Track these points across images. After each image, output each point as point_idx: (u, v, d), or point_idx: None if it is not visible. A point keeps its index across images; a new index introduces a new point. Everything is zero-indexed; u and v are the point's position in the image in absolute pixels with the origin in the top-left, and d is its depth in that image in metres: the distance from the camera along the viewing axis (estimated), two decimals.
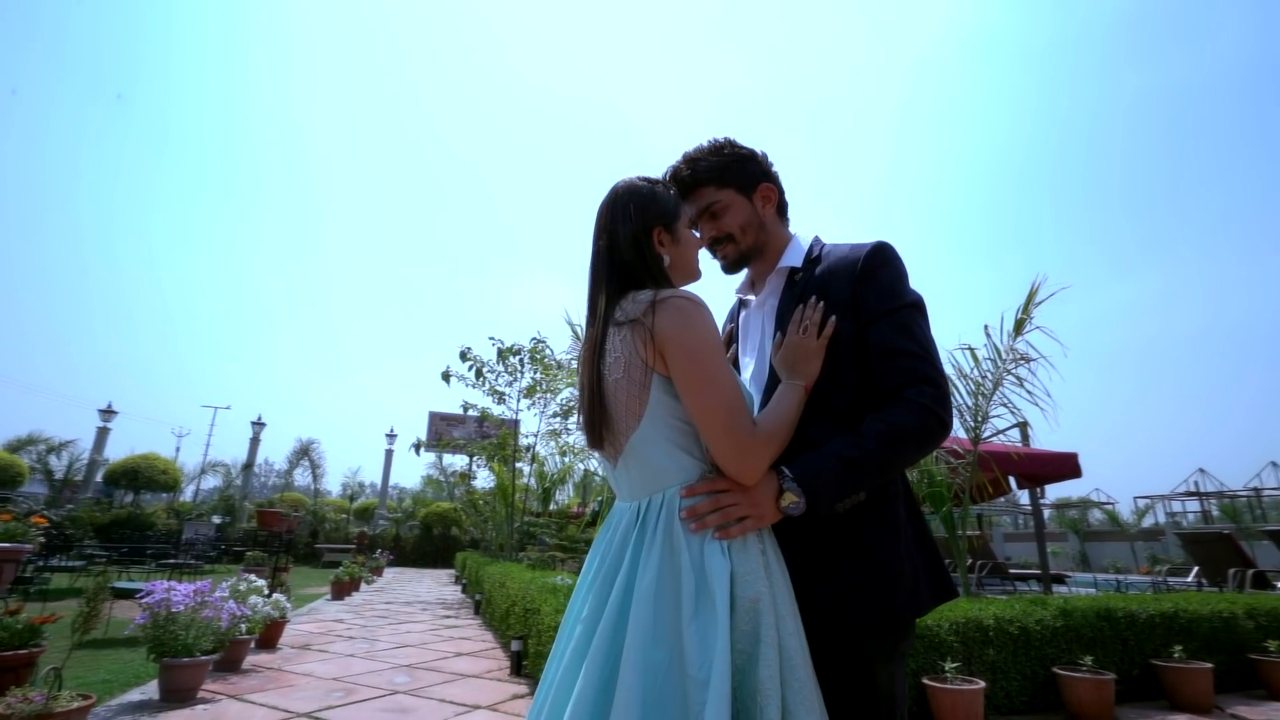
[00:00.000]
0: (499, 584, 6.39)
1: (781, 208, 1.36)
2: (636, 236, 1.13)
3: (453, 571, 15.95)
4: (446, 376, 10.65)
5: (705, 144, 1.32)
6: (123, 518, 14.88)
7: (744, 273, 1.41)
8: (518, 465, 10.96)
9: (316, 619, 7.18)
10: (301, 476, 23.15)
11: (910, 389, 1.07)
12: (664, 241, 1.16)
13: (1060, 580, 10.27)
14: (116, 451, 22.85)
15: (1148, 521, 22.66)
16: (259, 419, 22.87)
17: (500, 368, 10.51)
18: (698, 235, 1.30)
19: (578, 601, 1.10)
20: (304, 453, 22.03)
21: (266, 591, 5.10)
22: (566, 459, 10.81)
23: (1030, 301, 5.14)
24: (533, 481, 10.68)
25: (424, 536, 20.01)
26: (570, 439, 10.65)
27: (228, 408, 30.63)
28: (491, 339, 10.40)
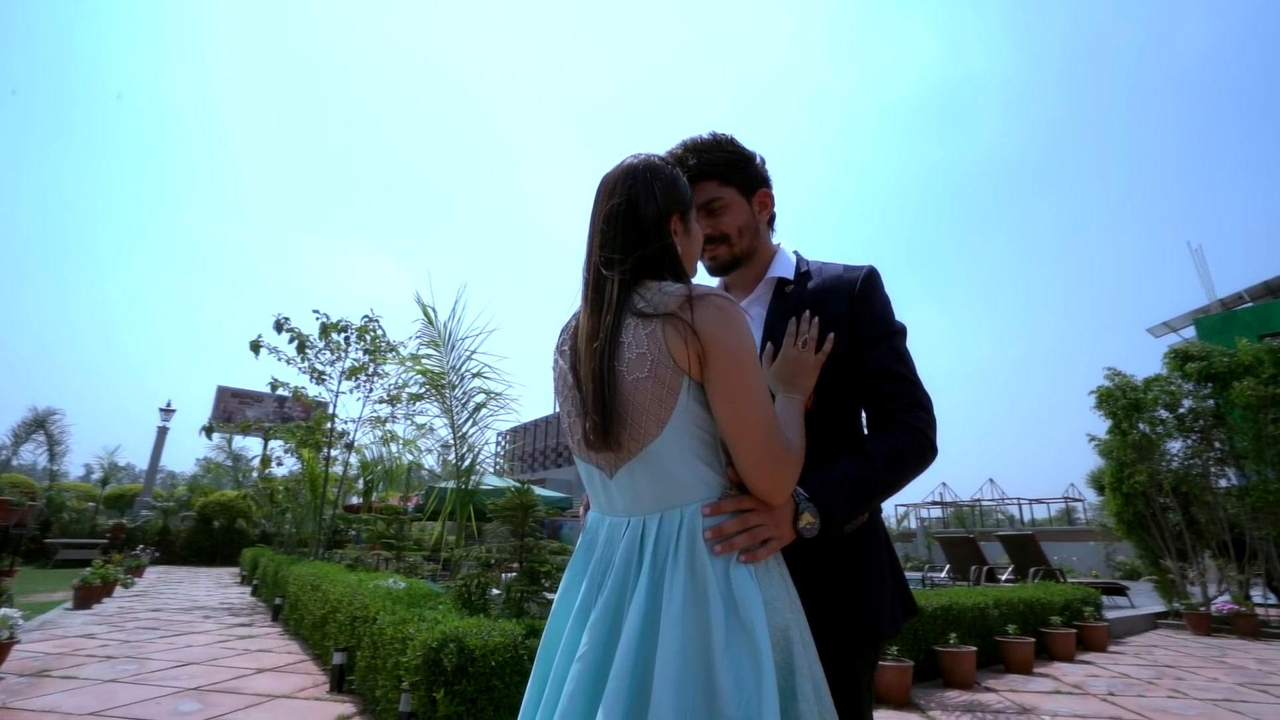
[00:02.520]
0: (310, 587, 5.65)
1: (771, 218, 1.34)
2: (658, 219, 1.03)
3: (237, 570, 13.88)
4: (256, 347, 9.29)
5: (706, 136, 1.26)
6: None
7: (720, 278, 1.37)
8: (332, 453, 9.87)
9: (54, 635, 5.77)
10: (31, 454, 18.55)
11: (908, 414, 1.11)
12: (678, 230, 1.07)
13: None
14: None
15: (904, 525, 26.95)
16: None
17: (322, 344, 9.41)
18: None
19: (560, 633, 0.96)
20: (38, 425, 17.69)
21: None
22: (392, 449, 9.98)
23: None
24: (355, 472, 9.69)
25: (200, 530, 17.14)
26: (396, 427, 9.86)
27: None
28: (315, 312, 9.28)
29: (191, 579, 12.54)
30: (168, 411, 19.52)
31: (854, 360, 1.16)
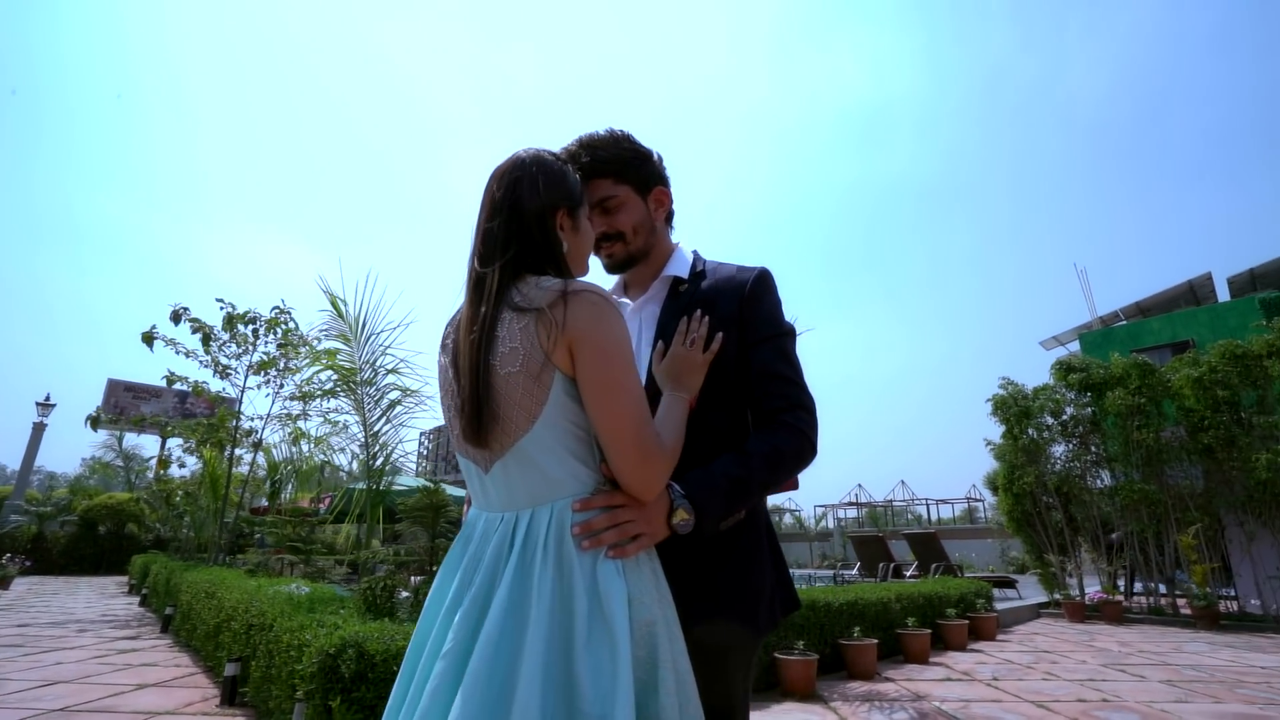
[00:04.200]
0: (205, 594, 5.28)
1: (669, 215, 1.36)
2: (542, 214, 1.03)
3: (125, 579, 12.77)
4: (149, 339, 8.63)
5: (602, 133, 1.26)
6: None
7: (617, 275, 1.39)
8: (238, 452, 9.27)
9: None
10: None
11: (789, 414, 1.14)
12: (564, 226, 1.07)
13: None
14: None
15: (822, 525, 28.05)
16: None
17: (227, 335, 8.82)
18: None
19: (430, 632, 0.95)
20: None
21: None
22: (303, 447, 9.46)
23: None
24: (261, 472, 9.12)
25: (83, 536, 15.65)
26: (307, 425, 9.37)
27: None
28: (220, 301, 8.70)
29: (69, 590, 11.43)
30: (46, 406, 17.70)
31: (741, 361, 1.20)
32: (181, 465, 11.22)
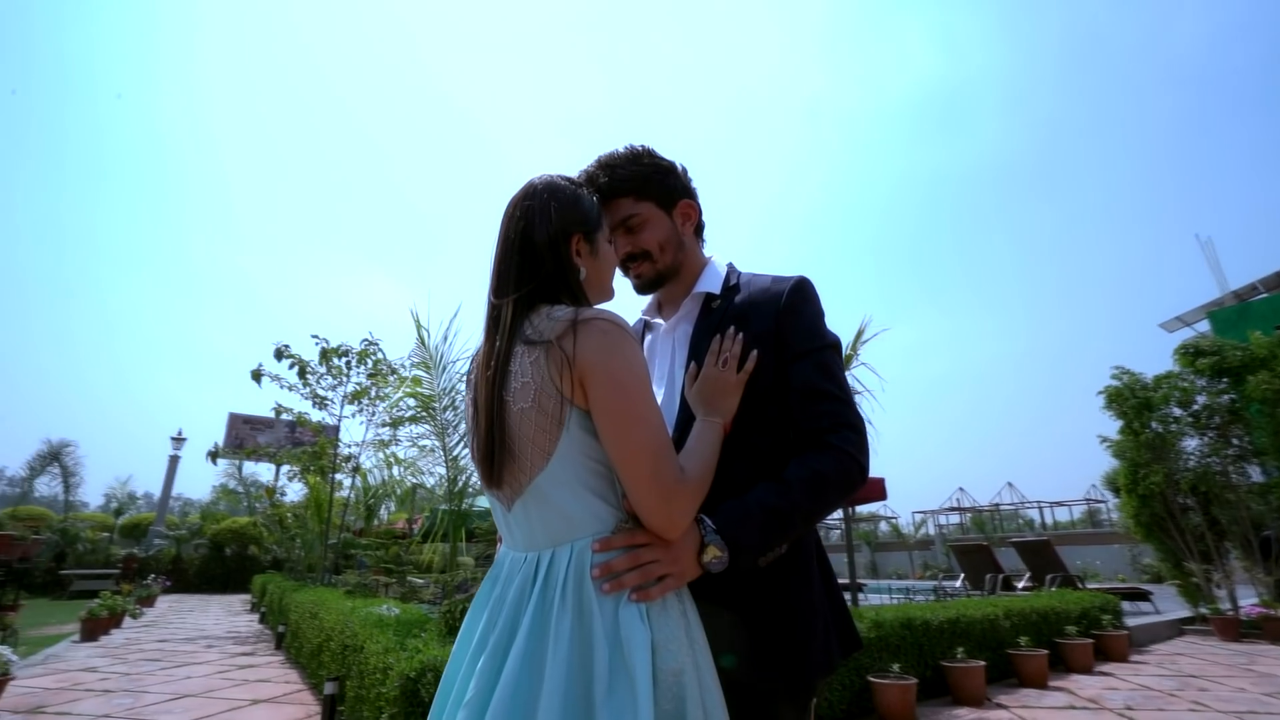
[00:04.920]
0: (309, 614, 5.61)
1: (699, 228, 1.29)
2: (554, 241, 0.99)
3: (248, 597, 13.89)
4: (257, 376, 9.36)
5: (621, 150, 1.20)
6: None
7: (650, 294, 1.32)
8: (337, 477, 9.90)
9: (56, 669, 5.76)
10: (49, 486, 18.79)
11: (833, 435, 1.03)
12: (581, 252, 1.03)
13: (859, 589, 11.54)
14: None
15: (922, 533, 26.47)
16: None
17: (323, 369, 9.46)
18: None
19: (458, 675, 0.90)
20: (53, 457, 17.93)
21: None
22: (394, 471, 9.98)
23: (858, 339, 5.74)
24: (355, 495, 9.68)
25: (213, 557, 17.22)
26: (399, 450, 9.86)
27: None
28: (315, 337, 9.34)
29: (203, 607, 12.56)
30: (179, 440, 19.71)
31: (780, 379, 1.09)
32: (284, 493, 12.08)
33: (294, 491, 12.12)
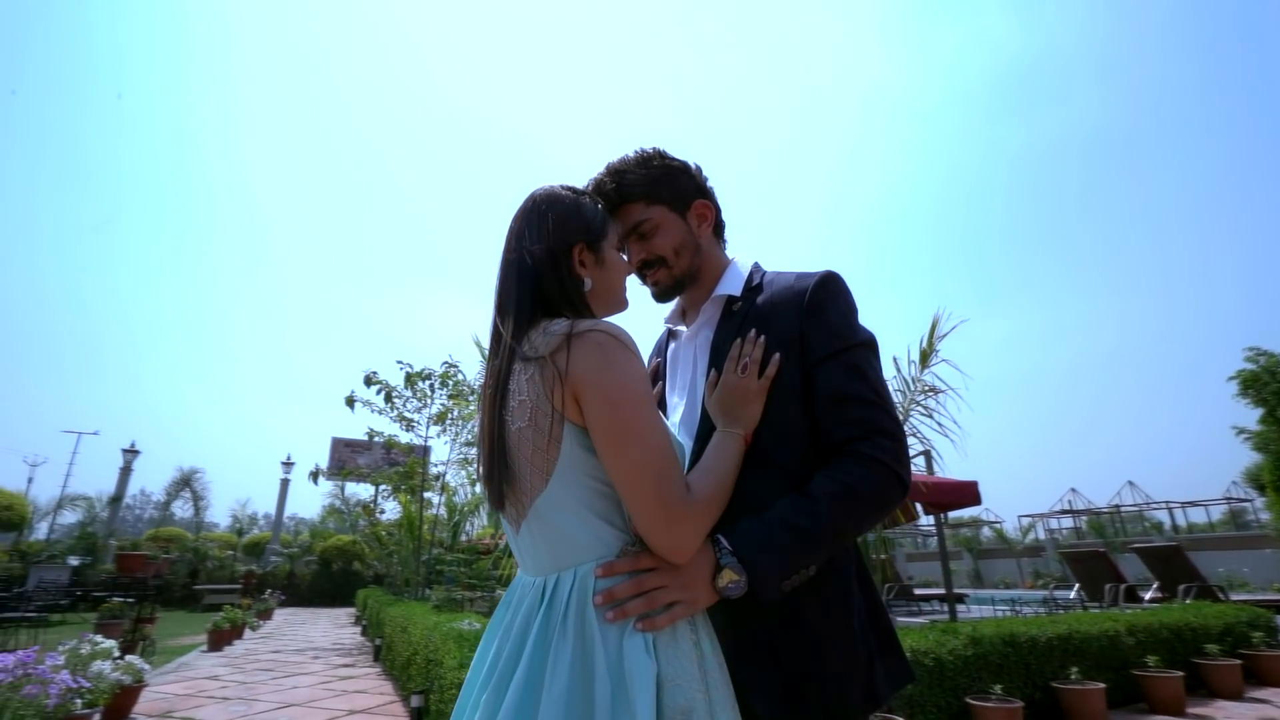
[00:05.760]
0: (400, 628, 5.86)
1: (718, 227, 1.22)
2: (554, 253, 0.96)
3: (353, 610, 14.76)
4: (350, 402, 9.97)
5: (631, 155, 1.16)
6: None
7: (674, 301, 1.26)
8: (427, 495, 10.36)
9: (185, 677, 6.32)
10: (183, 509, 20.87)
11: (865, 443, 0.93)
12: (585, 262, 0.99)
13: (960, 599, 10.77)
14: None
15: (1030, 538, 24.49)
16: (132, 445, 20.47)
17: (409, 393, 9.98)
18: (625, 259, 1.13)
19: (470, 698, 0.88)
20: (185, 483, 19.91)
21: (117, 652, 4.39)
22: (478, 489, 10.35)
23: (933, 334, 5.36)
24: (443, 512, 10.10)
25: (322, 573, 18.47)
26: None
27: (95, 433, 27.23)
28: (400, 363, 9.87)
29: (313, 620, 13.46)
30: (288, 465, 21.38)
31: (806, 384, 1.01)
32: (382, 512, 12.77)
33: (391, 510, 12.81)
